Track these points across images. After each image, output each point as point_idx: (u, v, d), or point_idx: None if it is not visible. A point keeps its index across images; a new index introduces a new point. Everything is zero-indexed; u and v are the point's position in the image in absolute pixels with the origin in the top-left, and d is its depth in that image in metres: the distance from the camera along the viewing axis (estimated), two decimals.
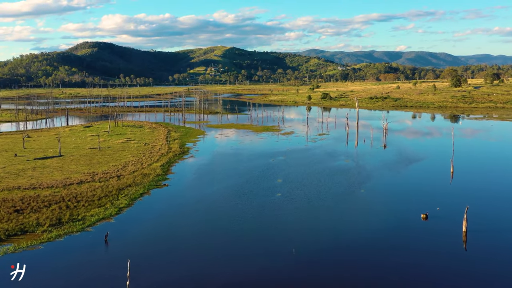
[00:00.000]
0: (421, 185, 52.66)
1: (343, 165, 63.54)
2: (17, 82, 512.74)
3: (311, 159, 68.36)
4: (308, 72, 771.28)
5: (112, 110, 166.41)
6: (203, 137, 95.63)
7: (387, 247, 34.26)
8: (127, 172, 58.47)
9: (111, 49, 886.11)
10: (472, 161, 67.78)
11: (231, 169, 62.11)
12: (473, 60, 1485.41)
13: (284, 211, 42.84)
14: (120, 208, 43.53)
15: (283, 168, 61.73)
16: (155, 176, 56.98)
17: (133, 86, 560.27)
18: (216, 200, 46.96)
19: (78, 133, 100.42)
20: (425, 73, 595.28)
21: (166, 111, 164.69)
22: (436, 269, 30.30)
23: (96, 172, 58.82)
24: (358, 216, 41.67)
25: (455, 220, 38.80)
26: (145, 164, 63.71)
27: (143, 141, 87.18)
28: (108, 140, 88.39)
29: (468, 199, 44.48)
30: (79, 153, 73.34)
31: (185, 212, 43.30)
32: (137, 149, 77.53)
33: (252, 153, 74.09)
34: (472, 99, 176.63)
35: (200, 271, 30.40)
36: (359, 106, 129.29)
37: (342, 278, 29.52)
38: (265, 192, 49.38)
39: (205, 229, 38.52)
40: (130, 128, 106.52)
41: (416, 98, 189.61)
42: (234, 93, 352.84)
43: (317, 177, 56.00)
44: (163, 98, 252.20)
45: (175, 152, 74.29)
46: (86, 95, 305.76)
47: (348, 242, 35.44)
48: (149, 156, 70.63)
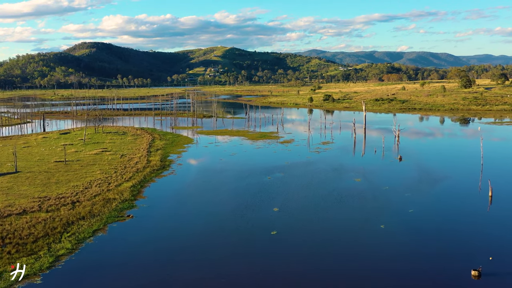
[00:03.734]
0: (456, 217, 41.12)
1: (354, 186, 51.99)
2: (12, 83, 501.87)
3: (314, 177, 56.86)
4: (309, 72, 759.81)
5: (98, 114, 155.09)
6: (191, 146, 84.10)
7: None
8: (87, 197, 47.02)
9: (110, 49, 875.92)
10: (507, 178, 56.21)
11: (217, 191, 50.65)
12: (475, 60, 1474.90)
13: (280, 261, 31.38)
14: (57, 256, 32.08)
15: (281, 191, 50.26)
16: (120, 202, 45.56)
17: (130, 87, 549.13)
18: (188, 246, 35.48)
19: (51, 141, 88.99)
20: (428, 73, 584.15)
21: (156, 114, 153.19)
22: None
23: (49, 196, 47.37)
24: (384, 273, 30.12)
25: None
26: (113, 185, 52.24)
27: (121, 151, 75.71)
28: (81, 150, 76.95)
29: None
30: (40, 169, 61.89)
31: (146, 264, 31.76)
32: (110, 162, 66.07)
33: (244, 168, 62.62)
34: (485, 101, 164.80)
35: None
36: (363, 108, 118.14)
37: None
38: (256, 229, 37.89)
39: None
40: (111, 136, 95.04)
41: (425, 100, 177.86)
42: (233, 94, 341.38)
43: (323, 206, 44.50)
44: (155, 100, 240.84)
45: (153, 167, 62.82)
46: (79, 97, 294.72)
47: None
48: (121, 172, 59.15)
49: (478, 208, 43.63)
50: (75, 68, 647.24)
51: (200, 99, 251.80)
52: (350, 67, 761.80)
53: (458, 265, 30.48)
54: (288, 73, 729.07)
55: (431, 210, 42.88)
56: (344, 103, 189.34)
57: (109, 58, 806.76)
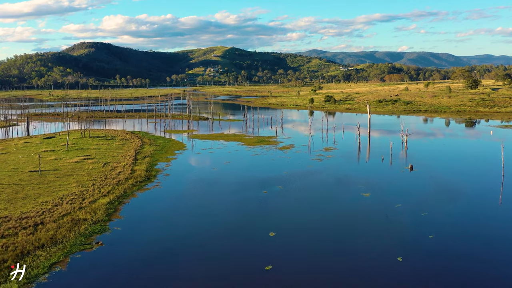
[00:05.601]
0: (481, 244, 34.63)
1: (362, 204, 45.50)
2: (8, 83, 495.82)
3: (316, 192, 50.44)
4: (309, 72, 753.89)
5: (90, 116, 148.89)
6: (183, 152, 77.62)
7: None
8: (54, 217, 40.57)
9: (109, 49, 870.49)
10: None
11: (204, 209, 44.16)
12: (475, 60, 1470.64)
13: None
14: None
15: (279, 209, 43.83)
16: (91, 223, 39.15)
17: (128, 87, 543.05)
18: (165, 287, 29.08)
19: (32, 147, 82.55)
20: (430, 73, 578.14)
21: (151, 116, 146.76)
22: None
23: (10, 216, 40.90)
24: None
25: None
26: (87, 201, 45.79)
27: (105, 159, 69.30)
28: (61, 158, 70.49)
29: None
30: (11, 180, 55.43)
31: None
32: (90, 172, 59.63)
33: (239, 180, 56.19)
34: (493, 103, 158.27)
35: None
36: (367, 110, 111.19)
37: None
38: (247, 263, 31.47)
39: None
40: (98, 141, 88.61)
41: (430, 101, 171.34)
42: (232, 95, 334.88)
43: (327, 232, 38.09)
44: (148, 101, 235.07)
45: (137, 178, 56.38)
46: (74, 97, 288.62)
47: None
48: (99, 185, 52.71)
49: (507, 231, 37.20)
50: (73, 68, 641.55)
51: (197, 99, 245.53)
52: (351, 67, 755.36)
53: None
54: (289, 73, 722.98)
55: (453, 235, 36.37)
56: (346, 104, 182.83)
57: (108, 58, 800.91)
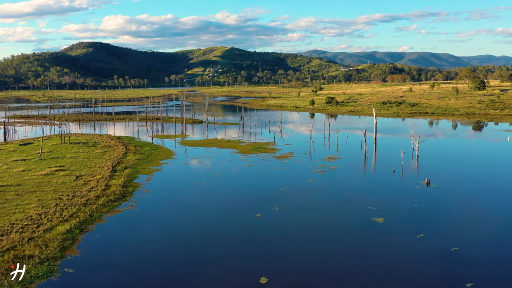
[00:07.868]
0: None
1: (375, 234, 37.39)
2: (4, 83, 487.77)
3: (319, 215, 42.42)
4: (310, 73, 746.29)
5: (76, 119, 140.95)
6: (169, 162, 69.42)
7: None
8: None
9: (107, 49, 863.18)
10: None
11: (182, 242, 36.09)
12: (476, 61, 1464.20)
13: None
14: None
15: (274, 240, 35.79)
16: (37, 263, 31.14)
17: (126, 87, 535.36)
18: None
19: (3, 155, 74.44)
20: (432, 74, 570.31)
21: (141, 119, 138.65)
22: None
23: None
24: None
25: None
26: (42, 229, 37.75)
27: (79, 171, 61.22)
28: (30, 169, 62.38)
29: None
30: None
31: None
32: (57, 188, 51.56)
33: (229, 199, 48.17)
34: (503, 105, 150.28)
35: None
36: (370, 112, 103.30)
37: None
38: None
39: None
40: (78, 148, 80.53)
41: (437, 103, 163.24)
42: (231, 96, 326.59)
43: (333, 277, 30.05)
44: (139, 103, 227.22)
45: (110, 195, 48.33)
46: (71, 98, 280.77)
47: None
48: (64, 205, 44.63)
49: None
50: (71, 68, 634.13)
51: (192, 100, 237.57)
52: (351, 68, 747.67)
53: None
54: (289, 74, 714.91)
55: (499, 284, 28.36)
56: (349, 106, 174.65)
57: (107, 58, 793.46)
